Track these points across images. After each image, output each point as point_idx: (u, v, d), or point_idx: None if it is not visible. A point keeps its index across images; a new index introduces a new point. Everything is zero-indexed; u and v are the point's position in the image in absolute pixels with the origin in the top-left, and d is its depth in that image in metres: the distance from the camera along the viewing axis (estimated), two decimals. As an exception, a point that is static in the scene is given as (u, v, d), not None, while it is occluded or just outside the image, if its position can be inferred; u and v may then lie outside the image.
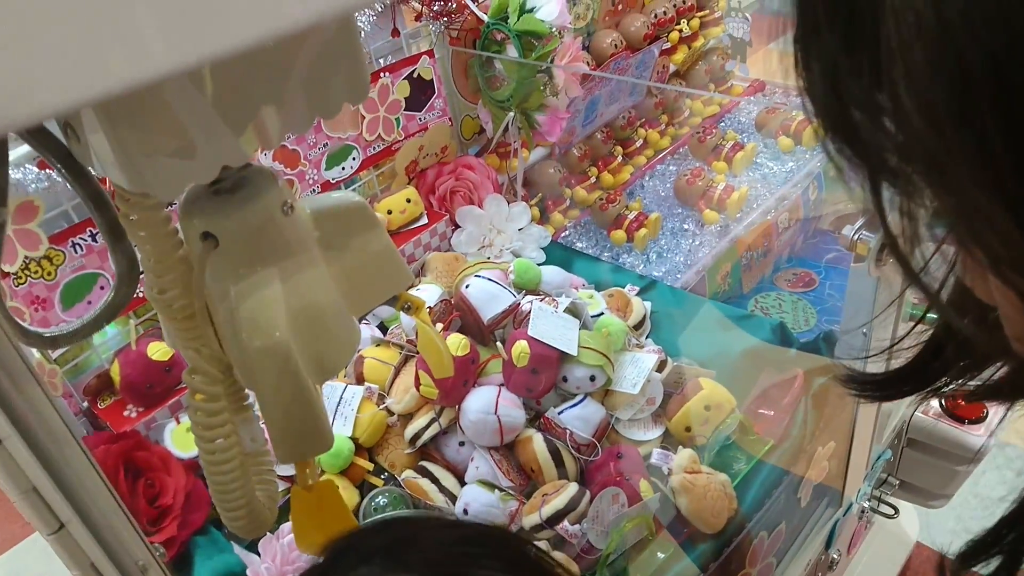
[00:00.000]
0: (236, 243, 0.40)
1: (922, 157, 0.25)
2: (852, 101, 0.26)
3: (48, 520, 0.42)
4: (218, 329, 0.42)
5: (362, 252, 0.47)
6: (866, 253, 0.85)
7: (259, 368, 0.41)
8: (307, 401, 0.43)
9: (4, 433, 0.38)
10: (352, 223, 0.46)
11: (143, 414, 0.93)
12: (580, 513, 0.82)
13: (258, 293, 0.40)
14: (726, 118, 1.62)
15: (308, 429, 0.44)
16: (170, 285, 0.40)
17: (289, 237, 0.42)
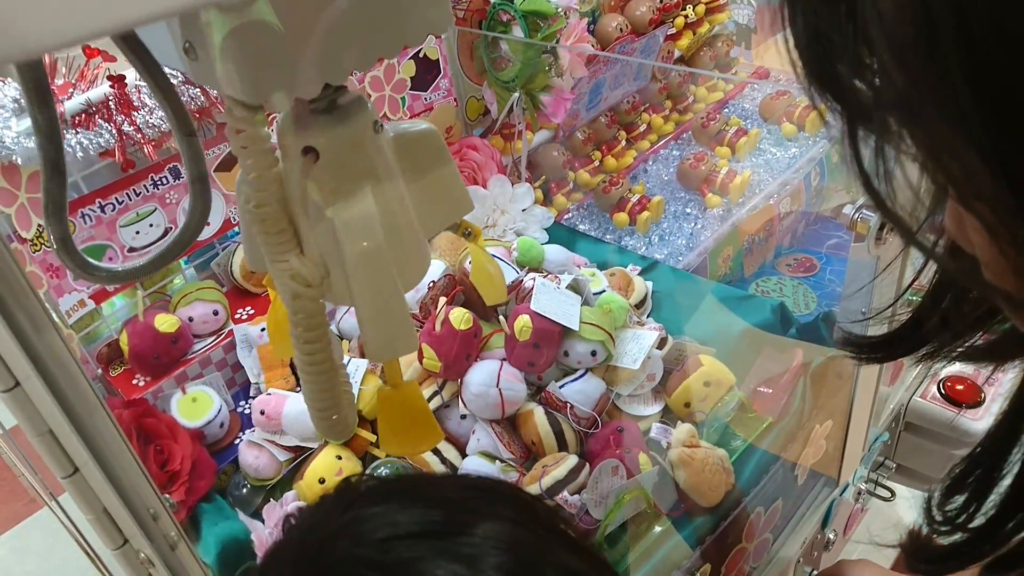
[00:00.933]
0: (335, 157, 0.44)
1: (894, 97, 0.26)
2: (833, 50, 0.28)
3: (63, 463, 0.43)
4: (306, 242, 0.46)
5: (433, 177, 0.50)
6: (866, 232, 0.86)
7: (358, 271, 0.44)
8: (399, 302, 0.46)
9: (24, 374, 0.39)
10: (426, 148, 0.50)
11: (150, 383, 0.94)
12: (579, 484, 0.84)
13: (355, 202, 0.44)
14: (730, 104, 1.63)
15: (399, 329, 0.47)
16: (266, 200, 0.43)
17: (378, 154, 0.46)
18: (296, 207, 0.45)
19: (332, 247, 0.45)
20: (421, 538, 0.41)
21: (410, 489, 0.44)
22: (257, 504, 0.91)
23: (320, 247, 0.45)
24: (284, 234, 0.45)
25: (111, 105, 0.89)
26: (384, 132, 0.47)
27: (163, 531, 0.48)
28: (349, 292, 0.46)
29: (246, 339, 1.01)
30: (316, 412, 0.49)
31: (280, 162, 0.44)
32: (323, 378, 0.47)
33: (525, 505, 0.47)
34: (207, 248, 1.07)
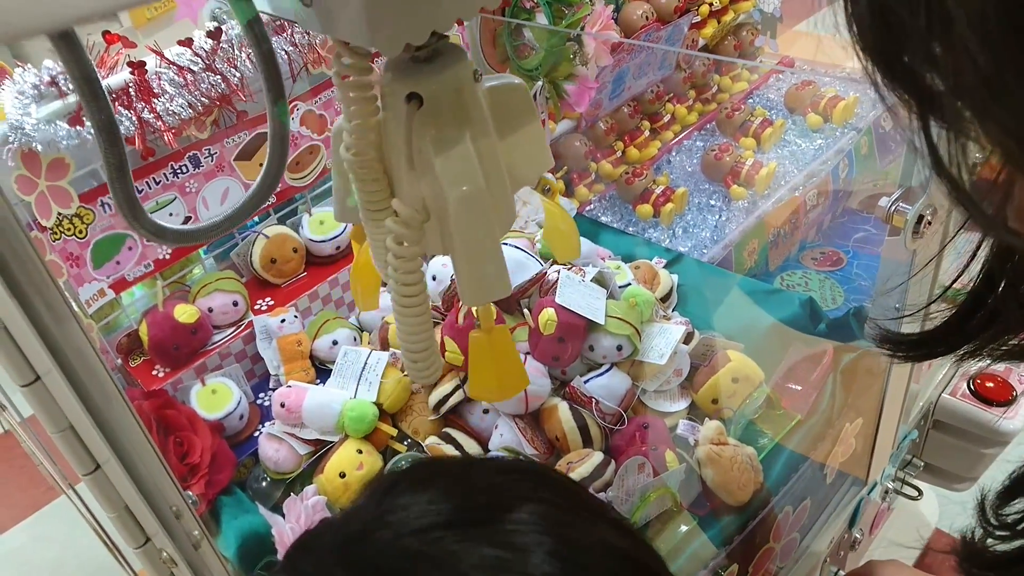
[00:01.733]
0: (438, 103, 0.45)
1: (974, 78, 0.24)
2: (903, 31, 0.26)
3: (84, 460, 0.42)
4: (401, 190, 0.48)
5: (521, 131, 0.51)
6: (902, 225, 0.83)
7: (459, 214, 0.46)
8: (496, 247, 0.48)
9: (44, 368, 0.37)
10: (515, 102, 0.50)
11: (170, 375, 0.93)
12: (605, 482, 0.82)
13: (457, 148, 0.45)
14: (755, 94, 1.60)
15: (496, 274, 0.48)
16: (365, 148, 0.46)
17: (475, 103, 0.47)
18: (393, 156, 0.47)
19: (432, 192, 0.46)
20: (465, 527, 0.40)
21: (451, 474, 0.43)
22: (277, 498, 0.90)
23: (420, 193, 0.47)
24: (380, 182, 0.47)
25: (131, 92, 0.87)
26: (481, 82, 0.48)
27: (186, 529, 0.46)
28: (445, 240, 0.48)
29: (266, 330, 0.99)
30: (410, 355, 0.51)
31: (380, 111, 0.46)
32: (419, 320, 0.49)
33: (567, 488, 0.46)
34: (227, 238, 1.06)
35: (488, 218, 0.47)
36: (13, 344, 0.37)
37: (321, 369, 1.01)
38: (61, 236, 0.84)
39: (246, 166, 1.02)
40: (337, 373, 0.94)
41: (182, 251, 0.99)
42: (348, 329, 1.03)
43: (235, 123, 0.98)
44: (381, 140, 0.46)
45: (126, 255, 0.92)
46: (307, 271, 1.09)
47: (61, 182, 0.82)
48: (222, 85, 0.93)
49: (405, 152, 0.46)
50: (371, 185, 0.47)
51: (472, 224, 0.46)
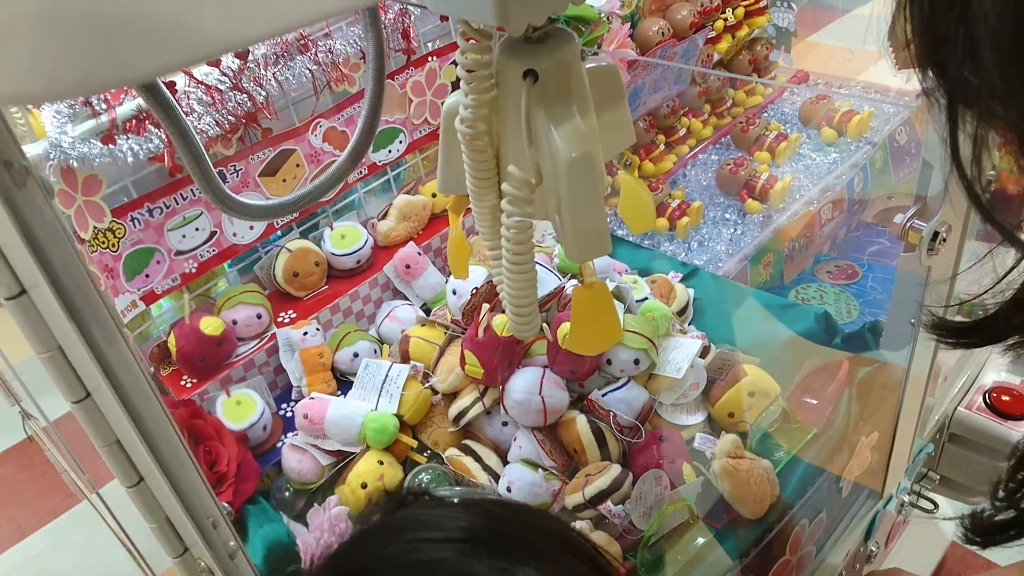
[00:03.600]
0: (551, 78, 0.50)
1: (992, 94, 0.29)
2: (945, 41, 0.30)
3: (129, 473, 0.43)
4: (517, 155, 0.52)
5: (613, 108, 0.57)
6: (917, 242, 0.84)
7: (572, 176, 0.50)
8: (602, 208, 0.52)
9: (95, 384, 0.39)
10: (609, 83, 0.56)
11: (196, 385, 0.96)
12: (623, 494, 0.83)
13: (569, 117, 0.50)
14: (769, 108, 1.61)
15: (601, 232, 0.53)
16: (478, 123, 0.51)
17: (582, 79, 0.52)
18: (504, 129, 0.53)
19: (546, 159, 0.51)
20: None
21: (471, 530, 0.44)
22: (299, 508, 0.92)
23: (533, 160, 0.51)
24: (489, 152, 0.53)
25: (160, 111, 0.90)
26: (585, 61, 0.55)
27: (223, 539, 0.48)
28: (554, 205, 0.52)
29: (288, 342, 1.01)
30: (516, 310, 0.57)
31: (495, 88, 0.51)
32: (527, 278, 0.54)
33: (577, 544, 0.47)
34: (250, 252, 1.08)
35: (596, 180, 0.51)
36: (67, 364, 0.39)
37: (342, 381, 1.03)
38: (97, 249, 0.87)
39: (270, 182, 1.04)
40: (358, 385, 0.96)
41: (207, 265, 1.01)
42: (368, 342, 1.04)
43: (260, 140, 1.01)
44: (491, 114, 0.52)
45: (155, 268, 0.95)
46: (328, 284, 1.11)
47: (95, 197, 0.84)
48: (248, 104, 0.96)
49: (523, 123, 0.50)
50: (481, 155, 0.52)
51: (582, 186, 0.51)
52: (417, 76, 1.14)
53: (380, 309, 1.12)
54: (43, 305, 0.36)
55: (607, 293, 0.60)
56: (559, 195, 0.51)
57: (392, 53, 1.10)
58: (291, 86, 0.99)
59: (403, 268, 1.12)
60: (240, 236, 1.03)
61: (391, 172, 1.20)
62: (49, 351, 0.37)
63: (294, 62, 0.98)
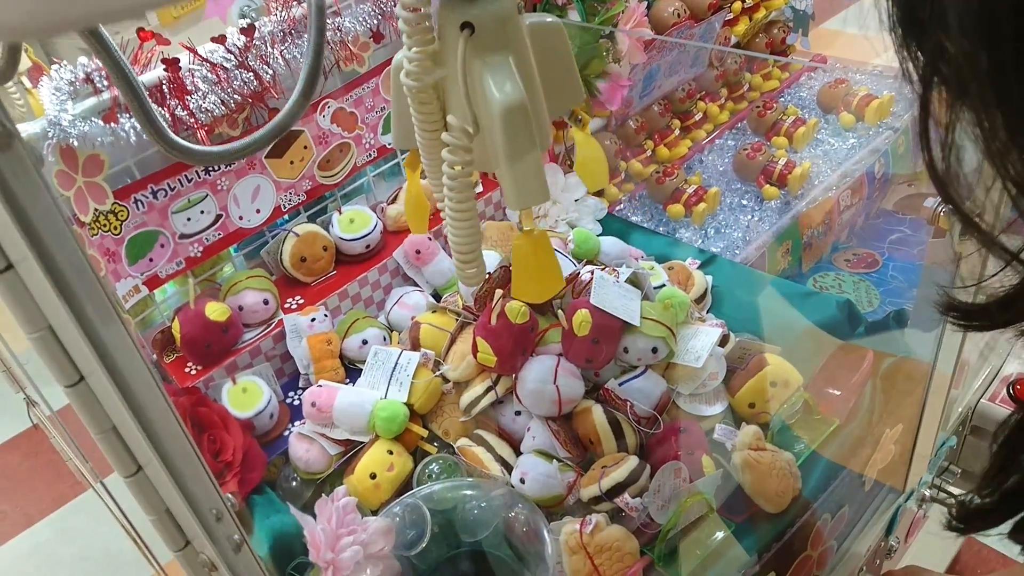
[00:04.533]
0: (487, 31, 0.53)
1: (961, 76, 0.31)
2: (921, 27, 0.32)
3: (127, 462, 0.41)
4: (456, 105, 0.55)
5: (557, 64, 0.59)
6: (948, 227, 0.81)
7: (506, 124, 0.53)
8: (537, 156, 0.54)
9: (88, 368, 0.37)
10: (552, 39, 0.58)
11: (201, 372, 0.93)
12: (640, 487, 0.81)
13: (502, 68, 0.53)
14: (787, 92, 1.57)
15: (536, 179, 0.55)
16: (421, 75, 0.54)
17: (518, 32, 0.55)
18: (448, 82, 0.55)
19: (482, 107, 0.54)
20: None
21: None
22: (307, 497, 0.90)
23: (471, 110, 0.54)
24: (434, 104, 0.55)
25: (164, 89, 0.87)
26: (522, 16, 0.57)
27: (226, 532, 0.45)
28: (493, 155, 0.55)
29: (296, 329, 0.99)
30: (460, 257, 0.58)
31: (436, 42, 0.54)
32: (469, 224, 0.56)
33: None
34: (257, 236, 1.05)
35: (529, 127, 0.54)
36: (59, 345, 0.36)
37: (351, 368, 1.01)
38: (98, 232, 0.84)
39: (277, 164, 1.01)
40: (368, 373, 0.94)
41: (213, 249, 0.98)
42: (378, 329, 1.02)
43: (266, 120, 0.98)
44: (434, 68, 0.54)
45: (159, 252, 0.92)
46: (337, 270, 1.09)
47: (96, 178, 0.82)
48: (254, 82, 0.93)
49: (459, 74, 0.53)
50: (427, 107, 0.54)
51: (517, 133, 0.53)
52: (428, 56, 1.11)
53: (389, 295, 1.09)
54: (32, 281, 0.34)
55: (547, 240, 0.62)
56: (496, 143, 0.54)
57: (402, 32, 1.07)
58: (299, 65, 0.96)
59: (413, 253, 1.09)
60: (247, 220, 1.01)
61: (400, 155, 1.17)
62: (39, 331, 0.35)
63: (302, 40, 0.95)
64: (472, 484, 0.86)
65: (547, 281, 0.64)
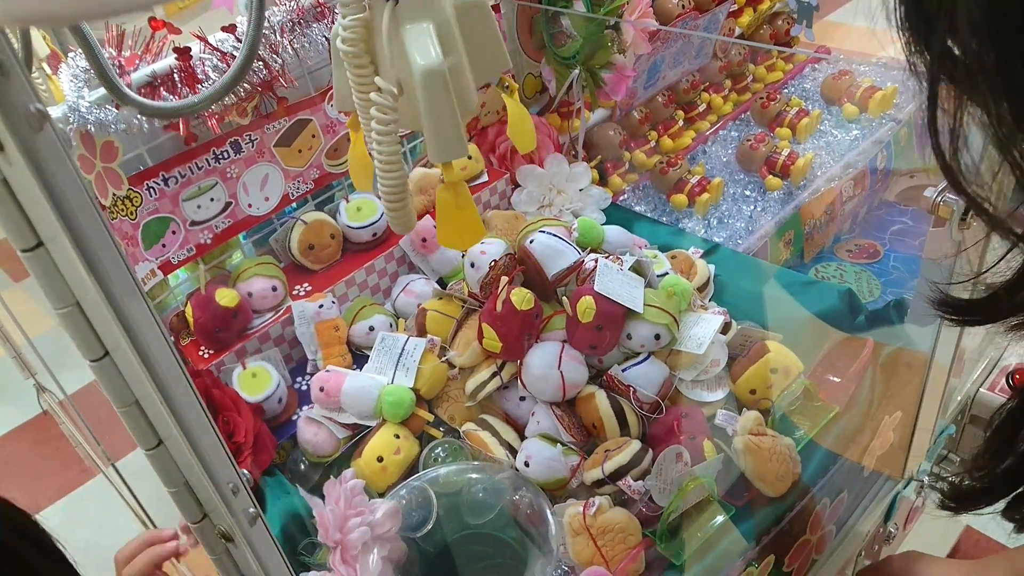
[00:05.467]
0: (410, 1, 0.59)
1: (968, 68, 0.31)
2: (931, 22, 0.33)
3: (148, 436, 0.43)
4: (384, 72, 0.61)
5: (480, 35, 0.64)
6: (948, 216, 0.82)
7: (425, 85, 0.58)
8: (453, 115, 0.60)
9: (114, 343, 0.38)
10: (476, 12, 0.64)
11: (214, 356, 0.95)
12: (643, 470, 0.82)
13: (423, 36, 0.59)
14: (790, 84, 1.58)
15: (454, 136, 0.61)
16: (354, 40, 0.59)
17: (439, 5, 0.60)
18: (377, 46, 0.60)
19: (406, 72, 0.59)
20: None
21: None
22: (315, 480, 0.91)
23: (397, 73, 0.60)
24: (368, 68, 0.61)
25: (175, 78, 0.88)
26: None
27: (243, 506, 0.47)
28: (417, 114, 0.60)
29: (304, 315, 1.00)
30: (388, 204, 0.64)
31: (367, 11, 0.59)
32: (396, 175, 0.62)
33: None
34: (265, 224, 1.07)
35: (447, 89, 0.59)
36: (85, 320, 0.37)
37: (358, 355, 1.02)
38: (117, 216, 0.86)
39: (286, 152, 1.02)
40: (375, 358, 0.95)
41: (222, 236, 1.00)
42: (384, 315, 1.03)
43: (276, 109, 0.99)
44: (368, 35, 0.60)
45: (171, 238, 0.94)
46: (344, 257, 1.10)
47: (113, 164, 0.83)
48: (264, 71, 0.94)
49: (384, 40, 0.59)
50: (361, 71, 0.60)
51: (435, 93, 0.59)
52: (434, 46, 1.12)
53: (396, 283, 1.10)
54: (61, 258, 0.35)
55: (466, 191, 0.68)
56: (419, 103, 0.59)
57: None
58: (307, 54, 0.97)
59: (419, 242, 1.10)
60: (255, 207, 1.02)
61: (407, 145, 1.19)
62: (67, 306, 0.36)
63: (310, 29, 0.96)
64: (477, 467, 0.88)
65: (468, 230, 0.70)
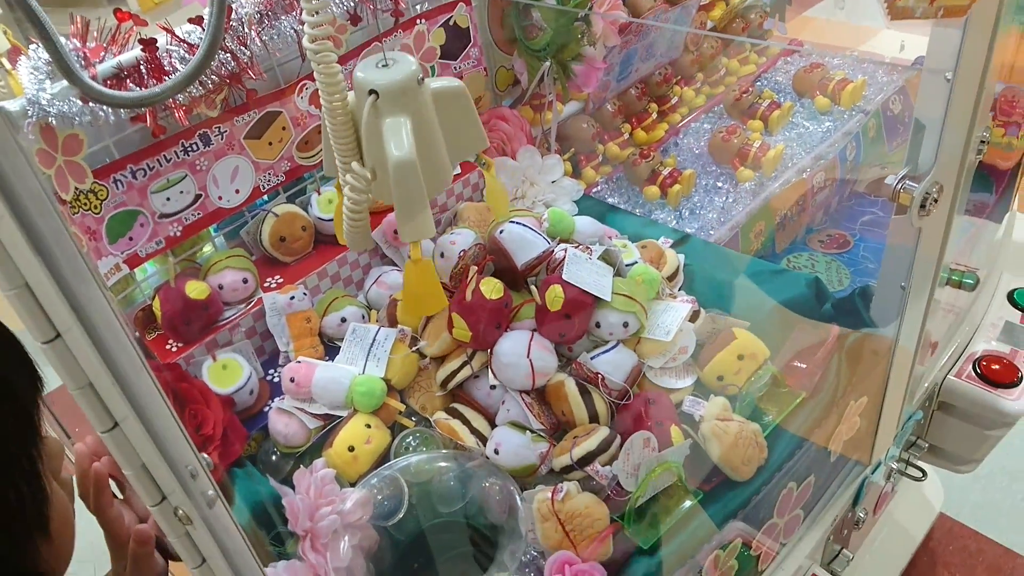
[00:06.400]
0: (389, 97, 0.70)
1: None
2: None
3: (103, 417, 0.43)
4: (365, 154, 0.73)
5: (460, 120, 0.76)
6: (909, 203, 0.84)
7: (396, 173, 0.68)
8: (423, 200, 0.71)
9: (65, 325, 0.38)
10: (455, 99, 0.76)
11: (182, 349, 0.95)
12: (611, 455, 0.83)
13: (399, 129, 0.69)
14: (763, 77, 1.60)
15: (422, 219, 0.72)
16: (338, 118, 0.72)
17: (417, 98, 0.71)
18: (360, 131, 0.72)
19: (382, 157, 0.69)
20: None
21: None
22: (287, 471, 0.92)
23: (373, 158, 0.72)
24: (350, 145, 0.72)
25: (142, 69, 0.88)
26: (426, 84, 0.74)
27: (201, 488, 0.47)
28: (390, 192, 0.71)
29: (275, 307, 1.00)
30: (353, 248, 0.82)
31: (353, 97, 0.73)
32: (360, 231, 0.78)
33: None
34: (236, 216, 1.07)
35: (417, 178, 0.69)
36: (35, 301, 0.38)
37: (330, 346, 1.02)
38: (79, 210, 0.85)
39: (256, 145, 1.02)
40: (346, 349, 0.96)
41: (192, 229, 1.00)
42: (356, 307, 1.04)
43: (245, 102, 0.99)
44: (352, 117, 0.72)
45: (138, 231, 0.93)
46: (316, 249, 1.10)
47: (76, 157, 0.83)
48: (232, 63, 0.94)
49: (363, 129, 0.70)
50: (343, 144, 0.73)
51: (405, 181, 0.68)
52: (406, 39, 1.13)
53: (368, 274, 1.11)
54: (6, 237, 0.35)
55: (431, 268, 0.80)
56: (391, 187, 0.70)
57: (380, 14, 1.08)
58: (276, 46, 0.97)
59: (391, 233, 1.11)
60: (226, 200, 1.02)
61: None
62: (15, 288, 0.37)
63: (279, 21, 0.96)
64: (448, 456, 0.88)
65: (430, 302, 0.82)
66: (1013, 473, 1.82)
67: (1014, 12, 1.11)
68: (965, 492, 1.80)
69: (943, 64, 0.75)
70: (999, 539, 1.72)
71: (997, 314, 1.32)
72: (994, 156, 1.29)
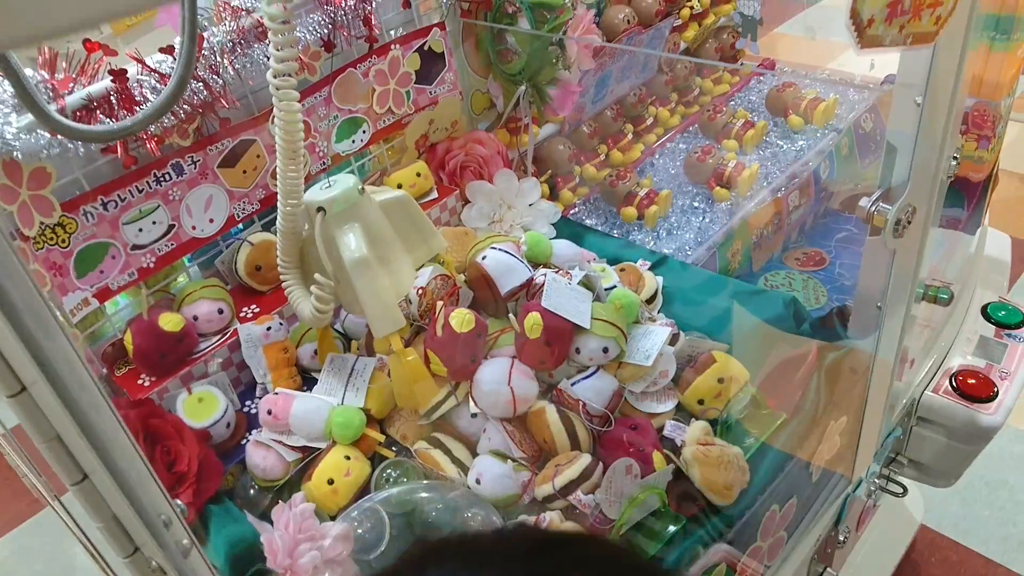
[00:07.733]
0: (336, 211, 0.82)
1: None
2: None
3: (71, 470, 0.42)
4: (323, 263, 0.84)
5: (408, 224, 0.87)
6: (883, 225, 0.85)
7: (355, 273, 0.78)
8: (387, 295, 0.81)
9: (31, 378, 0.37)
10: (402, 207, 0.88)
11: (155, 383, 0.93)
12: (593, 483, 0.82)
13: (349, 233, 0.80)
14: (736, 96, 1.61)
15: (390, 311, 0.82)
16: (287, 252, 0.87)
17: (361, 207, 0.83)
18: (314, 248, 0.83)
19: (340, 264, 0.79)
20: None
21: (484, 552, 0.41)
22: (265, 505, 0.90)
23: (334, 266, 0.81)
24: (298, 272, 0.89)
25: (112, 100, 0.87)
26: (367, 194, 0.86)
27: (175, 538, 0.46)
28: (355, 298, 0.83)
29: (251, 338, 0.99)
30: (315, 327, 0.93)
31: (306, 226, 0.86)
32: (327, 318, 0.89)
33: (610, 562, 0.43)
34: (211, 246, 1.05)
35: (376, 275, 0.79)
36: (-1, 355, 0.37)
37: (307, 377, 1.01)
38: (44, 246, 0.84)
39: (229, 173, 1.01)
40: (324, 379, 0.94)
41: (166, 260, 0.98)
42: (333, 336, 1.02)
43: (218, 130, 0.98)
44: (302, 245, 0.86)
45: (109, 264, 0.92)
46: (292, 278, 1.09)
47: (43, 191, 0.81)
48: (204, 92, 0.93)
49: (318, 241, 0.81)
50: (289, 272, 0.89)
51: (364, 279, 0.78)
52: (380, 64, 1.12)
53: (346, 302, 1.10)
54: (-32, 294, 0.34)
55: (417, 359, 0.86)
56: (354, 288, 0.78)
57: (354, 40, 1.08)
58: (249, 74, 0.96)
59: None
60: (200, 229, 1.01)
61: (355, 163, 1.18)
62: (-25, 342, 0.35)
63: (252, 50, 0.95)
64: (429, 486, 0.87)
65: (422, 391, 0.87)
66: (992, 484, 1.84)
67: (982, 28, 1.13)
68: (945, 503, 1.81)
69: (913, 87, 0.76)
70: (980, 549, 1.74)
71: (972, 328, 1.34)
72: (966, 169, 1.30)
